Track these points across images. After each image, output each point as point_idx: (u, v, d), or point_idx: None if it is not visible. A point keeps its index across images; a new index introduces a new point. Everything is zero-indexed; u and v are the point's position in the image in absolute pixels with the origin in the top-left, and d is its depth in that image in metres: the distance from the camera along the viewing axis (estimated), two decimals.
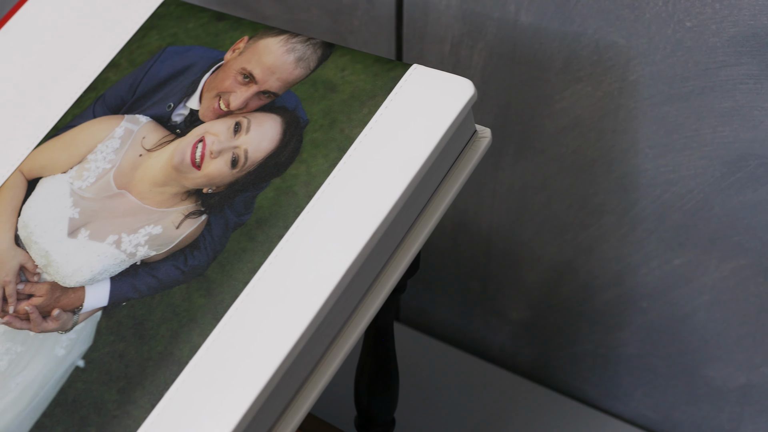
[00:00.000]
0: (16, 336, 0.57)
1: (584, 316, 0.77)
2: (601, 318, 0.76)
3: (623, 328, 0.76)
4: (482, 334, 0.84)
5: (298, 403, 0.54)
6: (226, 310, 0.54)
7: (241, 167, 0.58)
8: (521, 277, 0.79)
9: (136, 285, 0.56)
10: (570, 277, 0.77)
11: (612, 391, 0.78)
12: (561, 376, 0.80)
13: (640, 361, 0.76)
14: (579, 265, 0.76)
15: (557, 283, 0.77)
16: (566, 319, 0.78)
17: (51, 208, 0.61)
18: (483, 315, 0.83)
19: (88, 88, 0.66)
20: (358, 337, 0.55)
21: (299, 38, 0.62)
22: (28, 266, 0.59)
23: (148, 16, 0.68)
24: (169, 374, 0.52)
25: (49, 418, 0.53)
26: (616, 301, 0.75)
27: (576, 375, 0.79)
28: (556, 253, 0.76)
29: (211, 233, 0.57)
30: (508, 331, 0.82)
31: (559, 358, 0.80)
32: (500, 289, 0.81)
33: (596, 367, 0.78)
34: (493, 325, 0.83)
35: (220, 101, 0.61)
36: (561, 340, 0.79)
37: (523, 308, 0.80)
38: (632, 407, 0.78)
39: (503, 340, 0.83)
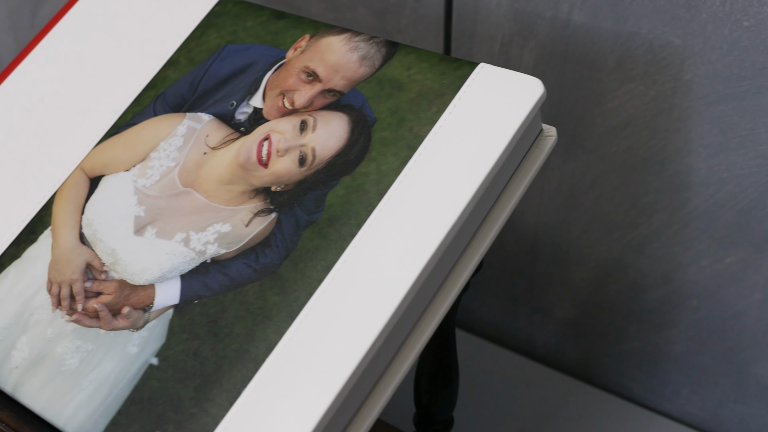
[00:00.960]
0: (87, 334, 0.57)
1: (632, 314, 0.77)
2: (649, 316, 0.77)
3: (672, 326, 0.76)
4: (526, 332, 0.84)
5: (372, 402, 0.54)
6: (301, 307, 0.54)
7: (309, 165, 0.58)
8: (568, 275, 0.79)
9: (207, 283, 0.56)
10: (618, 275, 0.77)
11: (659, 389, 0.78)
12: (606, 374, 0.80)
13: (688, 358, 0.76)
14: (628, 263, 0.76)
15: (605, 281, 0.78)
16: (613, 317, 0.78)
17: (115, 205, 0.61)
18: (528, 313, 0.83)
19: (147, 86, 0.66)
20: (430, 335, 0.55)
21: (362, 37, 0.62)
22: (94, 264, 0.59)
23: (205, 15, 0.68)
24: (246, 372, 0.52)
25: (124, 415, 0.53)
26: (666, 299, 0.75)
27: (622, 373, 0.80)
28: (604, 251, 0.77)
29: (282, 231, 0.57)
30: (553, 329, 0.82)
31: (605, 356, 0.80)
32: (546, 287, 0.81)
33: (643, 365, 0.78)
34: (537, 323, 0.83)
35: (284, 99, 0.61)
36: (607, 338, 0.79)
37: (569, 306, 0.81)
38: (679, 405, 0.78)
39: (547, 338, 0.83)
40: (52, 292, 0.59)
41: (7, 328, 0.59)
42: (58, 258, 0.60)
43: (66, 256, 0.60)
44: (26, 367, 0.57)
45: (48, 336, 0.57)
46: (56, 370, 0.56)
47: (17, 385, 0.56)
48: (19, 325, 0.59)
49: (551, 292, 0.81)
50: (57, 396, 0.55)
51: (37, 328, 0.58)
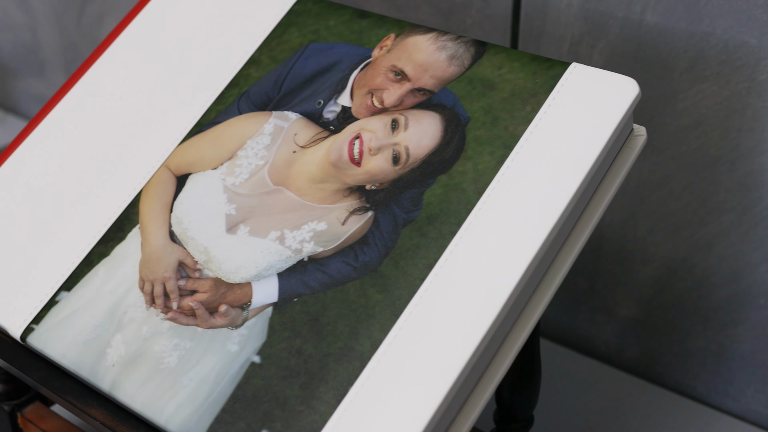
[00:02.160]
0: (184, 332, 0.57)
1: (697, 312, 0.78)
2: (714, 315, 0.77)
3: (738, 324, 0.76)
4: (587, 331, 0.84)
5: (473, 400, 0.54)
6: (404, 305, 0.54)
7: (403, 164, 0.58)
8: (632, 274, 0.80)
9: (306, 281, 0.56)
10: (684, 274, 0.77)
11: (723, 388, 0.79)
12: (669, 373, 0.81)
13: (754, 357, 0.77)
14: (695, 262, 0.76)
15: (670, 280, 0.78)
16: (677, 316, 0.79)
17: (204, 204, 0.61)
18: (589, 312, 0.84)
19: (230, 84, 0.66)
20: (529, 333, 0.56)
21: (449, 36, 0.62)
22: (187, 262, 0.59)
23: (285, 13, 0.68)
24: (352, 370, 0.53)
25: (228, 413, 0.53)
26: (733, 298, 0.76)
27: (685, 371, 0.80)
28: (671, 250, 0.77)
29: (380, 229, 0.57)
30: (615, 328, 0.83)
31: (668, 355, 0.80)
32: (609, 286, 0.81)
33: (707, 364, 0.79)
34: (599, 322, 0.83)
35: (372, 98, 0.62)
36: (671, 336, 0.80)
37: (632, 305, 0.81)
38: (744, 404, 0.78)
39: (609, 337, 0.83)
40: (144, 290, 0.59)
41: (101, 326, 0.59)
42: (148, 256, 0.60)
43: (157, 254, 0.60)
44: (123, 365, 0.57)
45: (144, 334, 0.57)
46: (155, 368, 0.56)
47: (114, 384, 0.56)
48: (112, 323, 0.58)
49: (614, 290, 0.82)
50: (157, 394, 0.55)
51: (132, 326, 0.58)
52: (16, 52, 1.18)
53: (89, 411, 0.58)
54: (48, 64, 1.14)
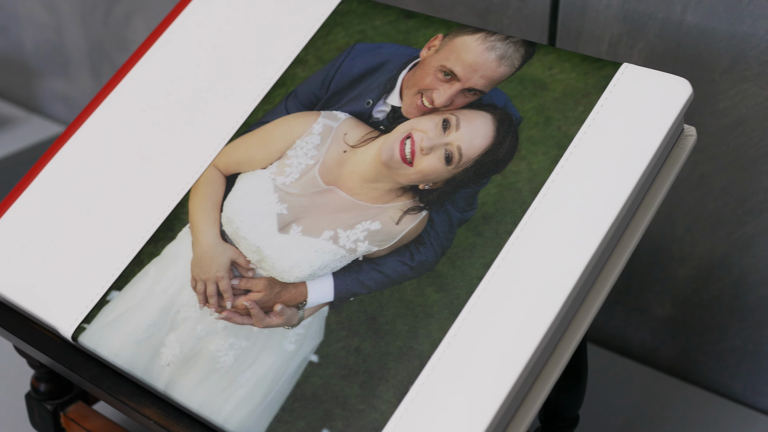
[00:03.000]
0: (239, 331, 0.57)
1: (734, 312, 0.78)
2: (752, 314, 0.77)
3: None
4: (622, 330, 0.85)
5: (530, 400, 0.54)
6: (463, 305, 0.54)
7: (456, 164, 0.59)
8: (668, 274, 0.80)
9: (362, 280, 0.56)
10: (721, 273, 0.77)
11: (759, 387, 0.79)
12: (705, 372, 0.81)
13: None
14: (732, 261, 0.77)
15: (707, 279, 0.78)
16: (714, 315, 0.79)
17: (255, 203, 0.61)
18: (624, 311, 0.84)
19: (276, 84, 0.66)
20: (584, 333, 0.56)
21: (497, 36, 0.62)
22: (239, 261, 0.59)
23: (329, 13, 0.68)
24: (412, 369, 0.53)
25: (288, 412, 0.53)
26: None
27: (722, 371, 0.80)
28: (708, 250, 0.77)
29: (435, 229, 0.57)
30: (650, 328, 0.83)
31: (704, 354, 0.81)
32: (644, 286, 0.82)
33: (743, 363, 0.79)
34: (634, 322, 0.84)
35: (422, 98, 0.62)
36: (707, 336, 0.80)
37: (668, 305, 0.81)
38: None
39: (644, 336, 0.83)
40: (197, 289, 0.59)
41: (154, 326, 0.59)
42: (200, 256, 0.60)
43: (209, 253, 0.60)
44: (178, 364, 0.57)
45: (198, 333, 0.58)
46: (210, 367, 0.56)
47: (170, 383, 0.56)
48: (165, 322, 0.59)
49: (650, 290, 0.82)
50: (214, 393, 0.55)
51: (186, 325, 0.58)
52: (40, 52, 1.18)
53: (142, 410, 0.58)
54: (73, 64, 1.14)
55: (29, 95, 1.22)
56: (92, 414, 0.71)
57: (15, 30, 1.19)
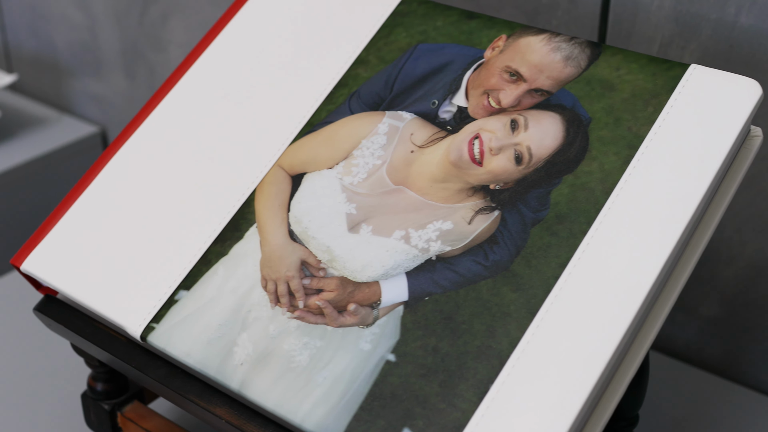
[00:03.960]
0: (313, 330, 0.57)
1: None
2: None
3: None
4: (666, 330, 0.85)
5: (606, 399, 0.54)
6: (540, 304, 0.54)
7: (526, 164, 0.59)
8: (715, 273, 0.80)
9: (436, 280, 0.57)
10: None
11: None
12: (751, 371, 0.82)
13: None
14: None
15: (755, 279, 0.79)
16: (761, 314, 0.80)
17: (323, 203, 0.61)
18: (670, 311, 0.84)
19: (338, 84, 0.66)
20: (656, 333, 0.56)
21: (562, 37, 0.63)
22: (310, 261, 0.60)
23: (389, 14, 0.68)
24: (492, 368, 0.53)
25: (367, 411, 0.54)
26: None
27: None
28: (757, 250, 0.78)
29: (508, 228, 0.57)
30: (696, 327, 0.83)
31: (750, 354, 0.81)
32: (691, 285, 0.82)
33: None
34: (679, 322, 0.84)
35: (489, 98, 0.62)
36: (754, 335, 0.80)
37: (714, 305, 0.82)
38: None
39: (689, 336, 0.84)
40: (268, 289, 0.59)
41: (226, 325, 0.59)
42: (269, 255, 0.60)
43: (277, 253, 0.60)
44: (252, 364, 0.57)
45: (271, 333, 0.58)
46: (285, 366, 0.56)
47: (244, 382, 0.57)
48: (237, 321, 0.59)
49: (696, 290, 0.82)
50: (290, 393, 0.55)
51: (258, 324, 0.58)
52: (73, 52, 1.18)
53: (213, 410, 0.58)
54: (106, 64, 1.14)
55: (60, 95, 1.22)
56: (149, 413, 0.71)
57: (46, 30, 1.19)
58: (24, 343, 0.88)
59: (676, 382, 0.83)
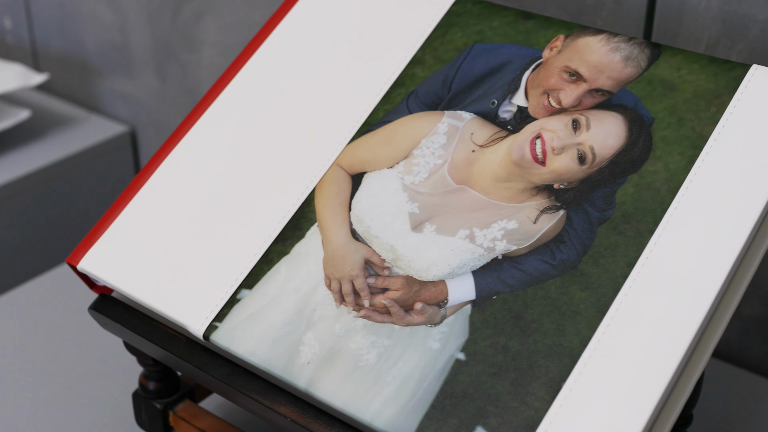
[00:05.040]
0: (380, 329, 0.57)
1: None
2: None
3: None
4: None
5: (674, 398, 0.55)
6: (609, 303, 0.54)
7: (590, 163, 0.59)
8: (758, 272, 0.81)
9: (503, 279, 0.57)
10: None
11: None
12: None
13: None
14: None
15: None
16: None
17: (385, 202, 0.62)
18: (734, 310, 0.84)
19: (395, 83, 0.67)
20: (722, 331, 0.56)
21: (620, 38, 0.63)
22: (374, 260, 0.60)
23: (443, 14, 0.69)
24: (563, 366, 0.53)
25: (439, 410, 0.54)
26: None
27: None
28: None
29: (574, 228, 0.57)
30: (737, 327, 0.84)
31: None
32: None
33: None
34: None
35: (549, 98, 0.62)
36: None
37: (756, 304, 0.82)
38: None
39: (730, 335, 0.84)
40: (332, 288, 0.59)
41: (290, 324, 0.59)
42: (332, 254, 0.61)
43: (340, 252, 0.60)
44: (318, 363, 0.57)
45: (337, 331, 0.58)
46: (353, 365, 0.56)
47: (311, 381, 0.57)
48: (302, 320, 0.59)
49: None
50: (359, 391, 0.55)
51: (323, 323, 0.58)
52: (102, 52, 1.18)
53: (278, 408, 0.59)
54: (136, 63, 1.14)
55: (88, 95, 1.22)
56: (202, 412, 0.71)
57: (75, 29, 1.19)
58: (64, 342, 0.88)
59: (717, 382, 0.83)
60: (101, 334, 0.86)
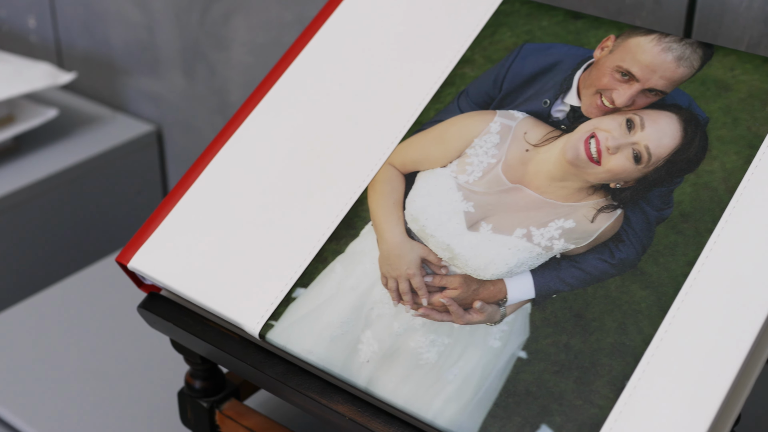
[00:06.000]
0: (439, 328, 0.58)
1: None
2: None
3: None
4: None
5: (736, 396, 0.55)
6: (671, 301, 0.55)
7: (646, 163, 0.59)
8: None
9: (562, 278, 0.57)
10: None
11: None
12: None
13: None
14: None
15: None
16: None
17: (439, 201, 0.62)
18: None
19: (445, 83, 0.67)
20: None
21: (672, 38, 0.63)
22: (430, 259, 0.60)
23: (491, 13, 0.69)
24: (626, 364, 0.53)
25: (502, 408, 0.54)
26: None
27: None
28: None
29: (632, 227, 0.58)
30: None
31: None
32: None
33: None
34: None
35: (602, 98, 0.62)
36: None
37: None
38: None
39: None
40: (389, 286, 0.60)
41: (348, 323, 0.59)
42: (387, 253, 0.61)
43: (396, 251, 0.61)
44: (378, 361, 0.57)
45: (395, 330, 0.58)
46: (413, 364, 0.57)
47: (371, 380, 0.57)
48: (359, 319, 0.59)
49: None
50: (420, 390, 0.56)
51: (381, 322, 0.59)
52: (129, 51, 1.18)
53: (335, 407, 0.59)
54: (163, 63, 1.14)
55: (113, 94, 1.22)
56: (248, 411, 0.71)
57: (101, 28, 1.19)
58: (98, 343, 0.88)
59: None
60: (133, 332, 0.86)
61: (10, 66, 1.10)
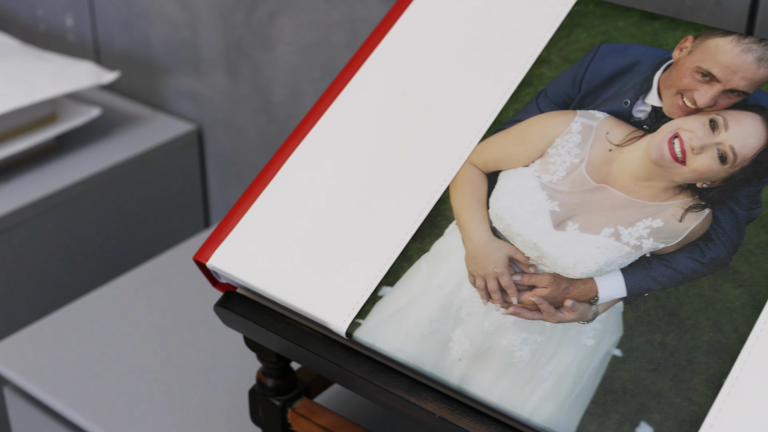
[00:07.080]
0: (531, 326, 0.58)
1: None
2: None
3: None
4: None
5: None
6: (765, 300, 0.55)
7: (732, 163, 0.60)
8: None
9: (653, 276, 0.58)
10: None
11: None
12: None
13: None
14: None
15: None
16: None
17: (523, 201, 0.62)
18: None
19: (522, 82, 0.67)
20: None
21: (751, 39, 0.64)
22: (518, 258, 0.60)
23: (565, 14, 0.69)
24: (723, 362, 0.54)
25: (599, 406, 0.54)
26: None
27: None
28: None
29: (721, 226, 0.58)
30: None
31: None
32: None
33: None
34: None
35: (684, 98, 0.63)
36: None
37: None
38: None
39: None
40: (477, 285, 0.60)
41: (437, 321, 0.59)
42: (473, 252, 0.61)
43: (482, 250, 0.61)
44: (471, 359, 0.58)
45: (486, 328, 0.58)
46: (507, 362, 0.57)
47: (464, 378, 0.57)
48: (448, 317, 0.59)
49: None
50: (515, 388, 0.56)
51: (472, 320, 0.59)
52: (170, 50, 1.18)
53: (425, 405, 0.59)
54: (206, 62, 1.14)
55: (153, 93, 1.22)
56: (320, 409, 0.71)
57: (141, 27, 1.19)
58: (156, 341, 0.88)
59: None
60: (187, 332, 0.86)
61: (53, 65, 1.10)
